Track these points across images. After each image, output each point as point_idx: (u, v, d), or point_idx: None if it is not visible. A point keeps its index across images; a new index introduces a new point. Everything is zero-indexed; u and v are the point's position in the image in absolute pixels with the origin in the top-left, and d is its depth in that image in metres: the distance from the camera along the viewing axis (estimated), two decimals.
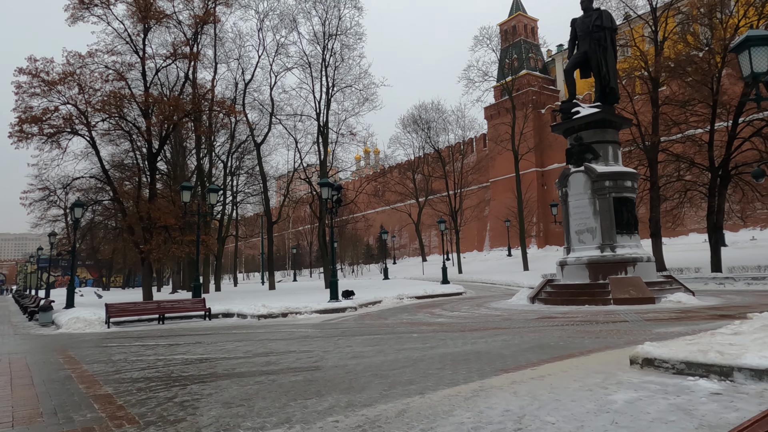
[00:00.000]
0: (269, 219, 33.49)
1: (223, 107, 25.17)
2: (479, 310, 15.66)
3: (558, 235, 61.79)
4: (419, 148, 56.83)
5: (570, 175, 17.01)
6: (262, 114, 35.36)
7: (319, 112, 30.77)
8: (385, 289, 26.26)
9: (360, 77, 31.29)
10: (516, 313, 13.80)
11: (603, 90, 17.37)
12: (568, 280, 16.57)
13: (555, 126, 18.16)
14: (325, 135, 30.30)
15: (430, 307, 17.81)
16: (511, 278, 32.89)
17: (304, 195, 40.28)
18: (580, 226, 16.63)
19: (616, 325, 10.18)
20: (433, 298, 22.98)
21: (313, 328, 12.40)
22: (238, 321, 15.72)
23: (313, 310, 16.54)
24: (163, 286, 63.08)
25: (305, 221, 79.45)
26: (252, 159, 40.11)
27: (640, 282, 15.06)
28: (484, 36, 40.32)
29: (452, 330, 10.62)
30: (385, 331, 11.04)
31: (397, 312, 16.32)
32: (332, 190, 18.10)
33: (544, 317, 12.38)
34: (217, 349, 9.30)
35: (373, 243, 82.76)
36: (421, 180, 62.83)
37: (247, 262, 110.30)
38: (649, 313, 12.23)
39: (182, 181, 30.16)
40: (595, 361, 6.57)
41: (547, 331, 9.80)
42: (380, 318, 14.45)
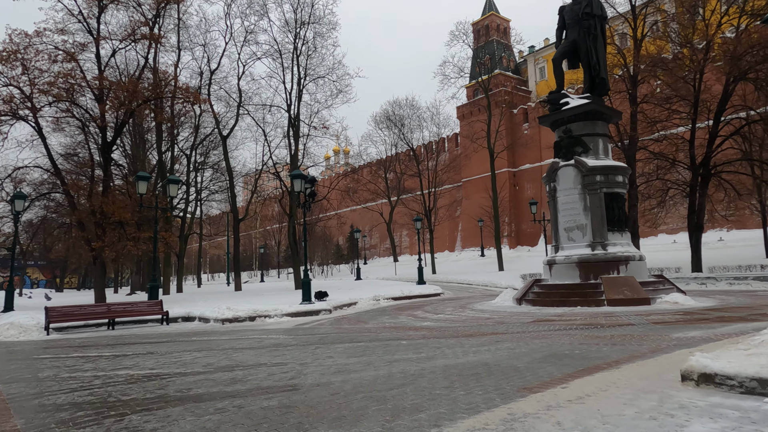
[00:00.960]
0: (235, 216, 31.67)
1: (187, 94, 23.33)
2: (465, 312, 14.56)
3: (529, 235, 61.80)
4: (392, 145, 55.79)
5: (559, 170, 16.11)
6: (229, 106, 33.54)
7: (290, 104, 29.21)
8: (359, 289, 24.97)
9: (334, 68, 29.91)
10: (506, 316, 12.73)
11: (592, 80, 16.57)
12: (557, 279, 15.65)
13: (543, 118, 17.27)
14: (296, 128, 28.74)
15: (411, 309, 16.62)
16: (487, 279, 32.11)
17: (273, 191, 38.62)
18: (570, 223, 15.75)
19: (624, 330, 9.20)
20: (411, 299, 21.82)
21: (285, 334, 11.00)
22: (199, 326, 14.14)
23: (284, 313, 15.10)
24: (123, 287, 59.96)
25: (273, 220, 77.30)
26: (218, 154, 38.14)
27: (634, 282, 14.26)
28: (460, 32, 39.52)
29: (444, 336, 9.43)
30: (369, 337, 9.75)
31: (376, 315, 15.05)
32: (305, 183, 16.69)
33: (539, 320, 11.34)
34: (171, 361, 7.82)
35: (343, 243, 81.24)
36: (393, 179, 61.74)
37: (212, 263, 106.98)
38: (652, 315, 11.35)
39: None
40: (632, 376, 5.48)
41: (552, 336, 8.71)
42: (359, 322, 13.15)
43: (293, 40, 28.75)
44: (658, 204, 24.08)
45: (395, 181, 59.19)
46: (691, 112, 22.63)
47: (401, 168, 55.37)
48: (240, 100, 30.37)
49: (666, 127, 24.17)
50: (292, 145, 29.04)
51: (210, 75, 30.84)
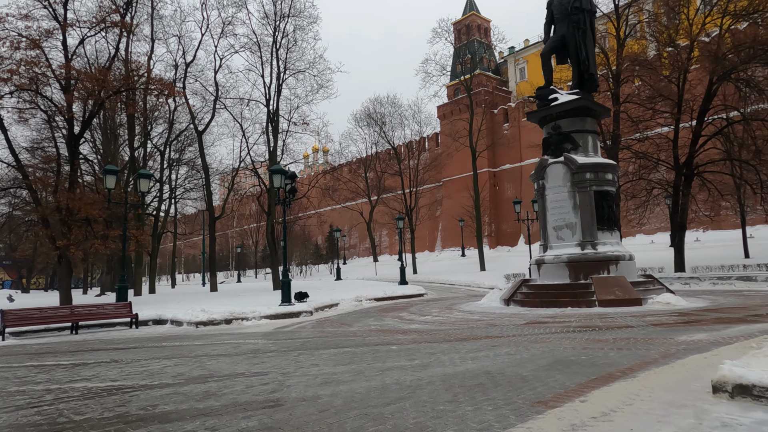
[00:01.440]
0: (211, 214, 30.60)
1: (161, 86, 22.24)
2: (452, 313, 14.00)
3: (509, 235, 61.88)
4: (372, 143, 55.12)
5: (548, 167, 15.70)
6: (206, 101, 32.41)
7: (269, 98, 28.29)
8: (340, 290, 24.26)
9: (314, 62, 29.09)
10: (497, 317, 12.21)
11: (581, 76, 16.21)
12: (546, 279, 15.23)
13: (531, 114, 16.85)
14: (275, 123, 27.83)
15: (395, 310, 16.00)
16: (470, 279, 31.74)
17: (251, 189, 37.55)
18: (559, 222, 15.35)
19: (625, 332, 8.74)
20: (393, 299, 21.21)
21: (264, 339, 10.25)
22: (171, 329, 13.25)
23: (263, 315, 14.31)
24: (94, 288, 57.86)
25: (251, 218, 75.89)
26: (194, 151, 36.92)
27: (625, 282, 13.91)
28: (442, 29, 39.10)
29: (436, 340, 8.83)
30: (355, 342, 9.08)
31: (360, 317, 14.38)
32: (286, 178, 15.92)
33: (532, 322, 10.84)
34: (137, 371, 7.03)
35: (322, 243, 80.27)
36: (373, 178, 61.10)
37: (188, 263, 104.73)
38: (647, 316, 10.96)
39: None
40: (654, 386, 4.95)
41: (551, 340, 8.19)
42: (343, 324, 12.46)
43: (273, 32, 27.87)
44: (642, 204, 23.99)
45: (375, 180, 58.55)
46: (675, 111, 22.57)
47: (382, 167, 54.74)
48: (217, 94, 29.33)
49: (650, 127, 24.11)
50: (270, 141, 28.14)
51: (185, 68, 29.70)
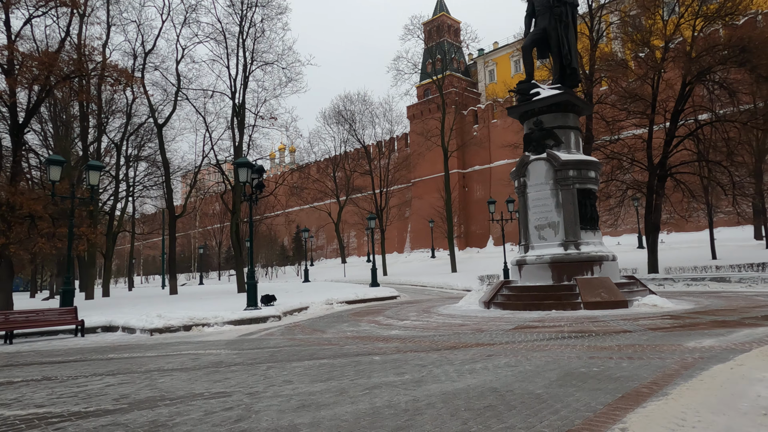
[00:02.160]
0: (172, 213, 28.89)
1: (118, 73, 20.60)
2: (431, 317, 13.16)
3: (479, 237, 61.84)
4: (342, 142, 53.98)
5: (529, 164, 15.09)
6: (167, 94, 30.66)
7: (234, 91, 26.85)
8: (309, 292, 23.15)
9: (283, 54, 27.84)
10: (481, 322, 11.44)
11: (562, 71, 15.68)
12: (527, 281, 14.59)
13: (511, 109, 16.22)
14: (241, 117, 26.45)
15: (370, 314, 15.05)
16: (442, 280, 31.11)
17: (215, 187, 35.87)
18: (541, 221, 14.75)
19: (625, 338, 8.07)
20: (366, 302, 20.27)
21: (227, 348, 9.13)
22: (122, 338, 11.91)
23: (226, 320, 13.12)
24: (43, 291, 54.50)
25: (215, 218, 73.51)
26: (153, 147, 35.01)
27: (610, 283, 13.40)
28: (415, 26, 38.45)
29: (422, 348, 7.94)
30: (332, 352, 8.10)
31: (333, 321, 13.37)
32: (252, 173, 14.76)
33: (521, 327, 10.10)
34: (72, 392, 5.85)
35: (288, 243, 78.48)
36: (341, 178, 59.99)
37: (147, 264, 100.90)
38: (639, 319, 10.39)
39: (68, 171, 24.90)
40: (697, 407, 4.19)
41: (549, 348, 7.43)
42: (315, 330, 11.43)
43: (239, 21, 26.49)
44: (617, 204, 23.86)
45: (344, 180, 57.46)
46: (649, 112, 22.49)
47: (351, 166, 53.69)
48: (178, 85, 27.69)
49: (624, 128, 24.02)
50: (236, 136, 26.74)
51: (144, 57, 27.94)
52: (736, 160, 20.34)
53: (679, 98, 22.14)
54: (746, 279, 18.67)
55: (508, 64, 67.31)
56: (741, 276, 18.98)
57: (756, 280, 18.30)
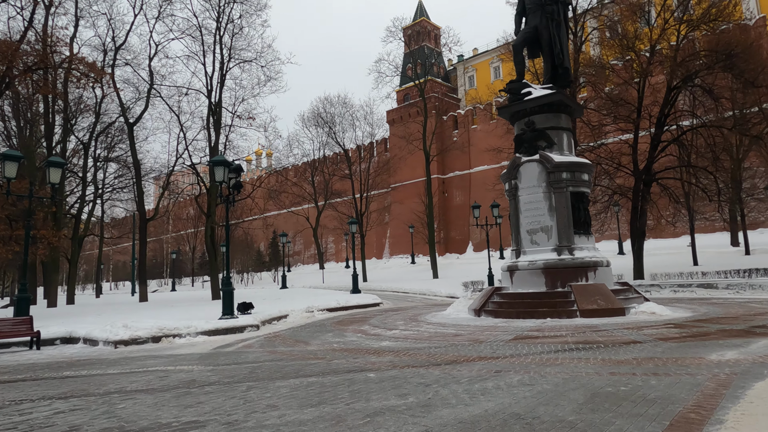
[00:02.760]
0: (142, 216, 27.53)
1: (86, 67, 19.38)
2: (421, 326, 12.41)
3: (458, 243, 61.51)
4: (321, 145, 52.98)
5: (521, 165, 14.53)
6: (139, 93, 29.32)
7: (210, 89, 25.77)
8: (288, 299, 22.17)
9: (262, 52, 26.91)
10: (475, 331, 10.74)
11: (554, 70, 15.22)
12: (519, 287, 13.99)
13: (502, 109, 15.68)
14: (217, 116, 25.36)
15: (354, 322, 14.22)
16: (424, 287, 30.43)
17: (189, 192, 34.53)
18: (534, 225, 14.18)
19: (639, 350, 7.46)
20: (348, 310, 19.41)
21: (200, 364, 8.20)
22: (82, 351, 10.81)
23: (199, 330, 12.12)
24: (5, 297, 51.85)
25: (188, 223, 71.57)
26: (125, 148, 33.47)
27: (606, 290, 12.88)
28: (397, 28, 37.95)
29: (419, 363, 7.18)
30: (320, 368, 7.25)
31: (316, 331, 12.49)
32: (230, 172, 13.82)
33: (520, 338, 9.43)
34: (11, 422, 4.89)
35: (265, 249, 76.90)
36: (320, 182, 58.98)
37: (117, 270, 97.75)
38: (644, 328, 9.83)
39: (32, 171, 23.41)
40: None
41: (562, 363, 6.75)
42: (298, 342, 10.54)
43: (216, 17, 25.47)
44: (603, 210, 23.61)
45: (322, 184, 56.47)
46: (635, 117, 22.32)
47: (330, 170, 52.74)
48: (151, 82, 26.44)
49: (609, 133, 23.83)
50: (212, 136, 25.64)
51: (115, 52, 26.62)
52: (722, 166, 20.25)
53: (664, 103, 22.02)
54: (734, 285, 18.48)
55: (488, 70, 67.51)
56: (728, 282, 18.79)
57: (743, 287, 18.11)
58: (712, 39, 20.23)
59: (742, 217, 28.41)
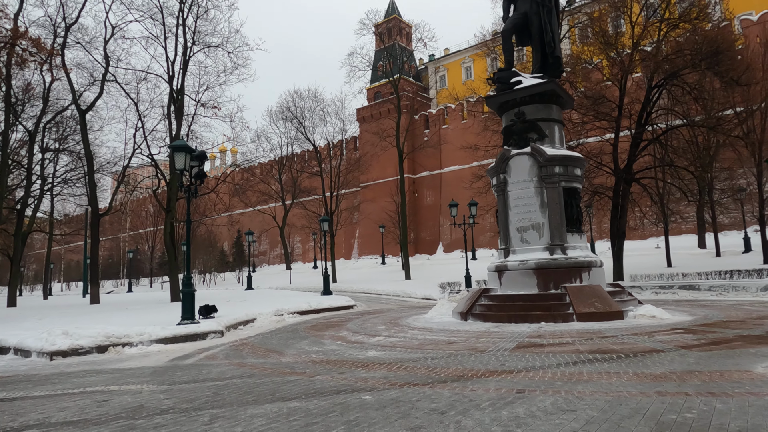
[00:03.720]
0: (95, 211, 25.39)
1: (31, 44, 17.39)
2: (405, 332, 11.27)
3: (428, 243, 60.81)
4: (289, 141, 51.21)
5: (510, 159, 13.61)
6: (93, 80, 27.06)
7: (172, 75, 23.92)
8: (255, 301, 20.68)
9: (229, 37, 25.23)
10: (469, 338, 9.67)
11: (544, 59, 14.40)
12: (509, 289, 13.04)
13: (490, 98, 14.74)
14: (179, 104, 23.56)
15: (330, 327, 12.95)
16: (398, 288, 29.38)
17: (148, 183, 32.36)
18: (524, 222, 13.28)
19: (668, 361, 6.53)
20: (320, 313, 18.11)
21: (153, 382, 6.80)
22: (11, 364, 9.17)
23: (155, 338, 10.61)
24: None
25: (148, 222, 68.39)
26: (78, 138, 31.02)
27: (602, 292, 12.07)
28: (370, 20, 36.80)
29: (421, 380, 6.02)
30: (301, 387, 5.99)
31: (289, 338, 11.16)
32: (192, 159, 12.33)
33: (523, 346, 8.42)
34: None
35: (228, 248, 74.30)
36: (287, 180, 57.18)
37: (70, 270, 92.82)
38: (653, 334, 8.98)
39: None
40: None
41: (591, 379, 5.73)
42: (269, 351, 9.21)
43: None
44: (585, 208, 23.06)
45: (290, 182, 54.71)
46: (615, 115, 21.88)
47: (298, 167, 51.05)
48: (107, 65, 24.38)
49: (589, 131, 23.33)
50: (173, 125, 23.81)
51: (66, 31, 24.40)
52: (702, 166, 19.99)
53: (645, 101, 21.66)
54: (716, 287, 18.14)
55: (459, 70, 67.21)
56: (710, 284, 18.45)
57: (726, 288, 17.79)
58: (694, 37, 19.93)
59: (713, 219, 28.53)
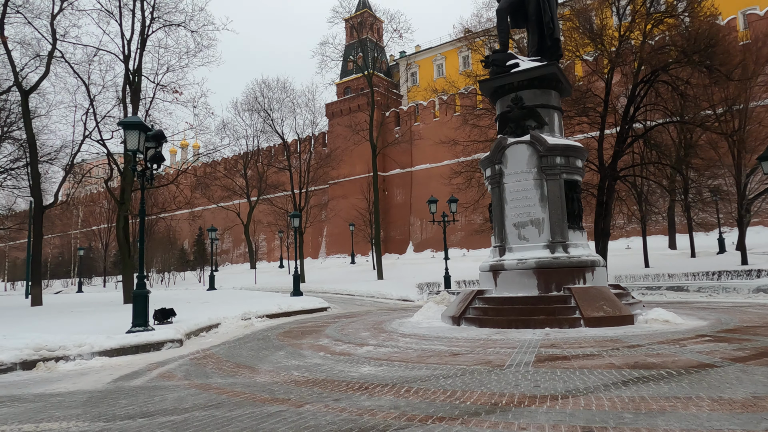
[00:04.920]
0: (38, 203, 22.91)
1: None
2: (395, 340, 9.88)
3: (398, 242, 59.65)
4: (258, 132, 48.96)
5: (507, 148, 12.43)
6: (40, 60, 24.52)
7: (128, 54, 21.75)
8: (218, 303, 18.91)
9: (193, 15, 23.23)
10: (474, 347, 8.37)
11: (541, 42, 13.34)
12: (506, 291, 11.85)
13: (483, 82, 13.53)
14: (136, 86, 21.42)
15: (306, 334, 11.42)
16: (372, 288, 27.98)
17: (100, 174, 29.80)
18: (522, 218, 12.11)
19: (731, 379, 5.39)
20: (292, 316, 16.54)
21: (85, 418, 5.15)
22: None
23: (97, 350, 8.86)
24: None
25: (101, 218, 64.62)
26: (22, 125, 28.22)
27: (610, 295, 11.02)
28: (344, 9, 35.24)
29: (451, 414, 4.64)
30: (288, 425, 4.50)
31: (261, 347, 9.58)
32: (148, 139, 10.58)
33: (546, 359, 7.17)
34: None
35: (189, 247, 71.15)
36: (252, 176, 54.90)
37: (16, 269, 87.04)
38: (684, 342, 7.90)
39: None
40: None
41: (672, 410, 4.48)
42: (239, 367, 7.63)
43: None
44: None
45: (256, 178, 52.49)
46: (600, 110, 21.16)
47: (265, 162, 48.91)
48: (54, 41, 21.97)
49: (578, 124, 22.57)
50: (129, 109, 21.63)
51: (5, 3, 21.85)
52: (692, 162, 19.45)
53: (631, 97, 21.02)
54: (705, 288, 17.57)
55: (431, 67, 66.36)
56: (699, 285, 17.88)
57: (717, 290, 17.22)
58: (688, 30, 19.35)
59: (689, 219, 28.40)
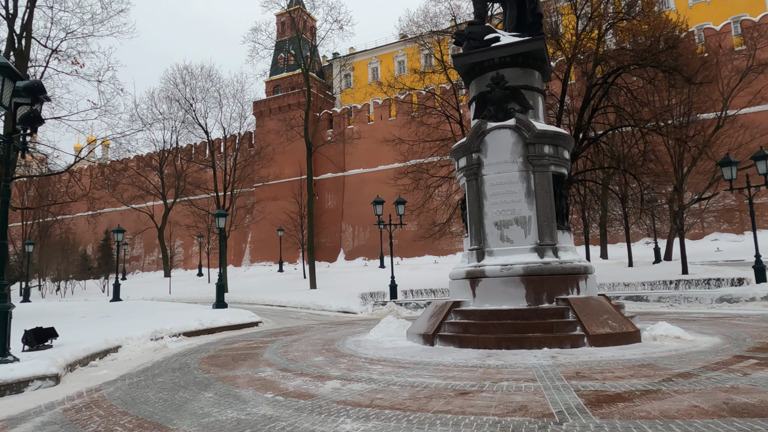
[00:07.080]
0: None
1: None
2: (361, 368, 7.54)
3: (329, 249, 56.92)
4: (178, 125, 44.47)
5: (487, 134, 10.58)
6: None
7: (14, 14, 17.68)
8: (122, 317, 15.49)
9: None
10: (479, 379, 6.25)
11: (521, 18, 11.72)
12: (487, 302, 9.88)
13: (458, 57, 11.61)
14: (23, 49, 17.43)
15: (240, 360, 8.74)
16: (306, 299, 25.31)
17: None
18: (505, 215, 10.26)
19: None
20: (216, 333, 13.61)
21: None
22: None
23: None
24: None
25: None
26: None
27: (610, 307, 9.40)
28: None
29: None
30: None
31: (177, 386, 6.82)
32: (24, 92, 7.54)
33: (596, 402, 5.18)
34: None
35: (93, 252, 63.85)
36: (170, 174, 49.99)
37: None
38: (732, 364, 6.27)
39: None
40: None
41: None
42: (141, 427, 4.92)
43: None
44: None
45: (174, 176, 47.75)
46: (558, 110, 20.23)
47: (185, 158, 44.53)
48: None
49: None
50: None
51: None
52: (649, 167, 18.88)
53: (585, 99, 20.27)
54: (666, 298, 16.82)
55: (365, 70, 64.78)
56: (660, 295, 17.12)
57: (678, 299, 16.51)
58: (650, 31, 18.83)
59: (626, 229, 28.46)
